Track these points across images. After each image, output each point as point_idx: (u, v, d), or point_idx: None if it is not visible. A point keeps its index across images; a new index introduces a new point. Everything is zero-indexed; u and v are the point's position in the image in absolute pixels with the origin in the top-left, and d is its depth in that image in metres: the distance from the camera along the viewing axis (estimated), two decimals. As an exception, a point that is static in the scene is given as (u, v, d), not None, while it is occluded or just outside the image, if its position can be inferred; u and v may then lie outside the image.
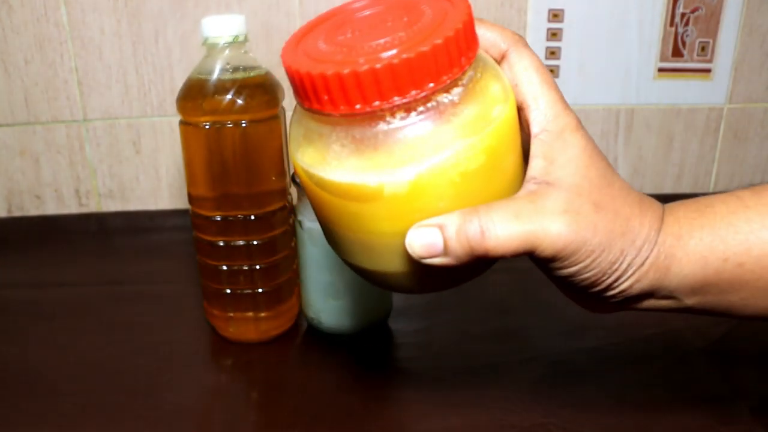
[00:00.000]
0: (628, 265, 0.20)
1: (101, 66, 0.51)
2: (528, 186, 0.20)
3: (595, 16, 0.52)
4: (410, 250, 0.19)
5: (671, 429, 0.30)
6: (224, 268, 0.36)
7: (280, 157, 0.36)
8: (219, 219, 0.35)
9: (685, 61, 0.54)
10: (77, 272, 0.47)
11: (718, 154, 0.57)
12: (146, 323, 0.40)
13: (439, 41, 0.17)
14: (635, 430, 0.30)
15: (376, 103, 0.17)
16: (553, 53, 0.53)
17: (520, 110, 0.21)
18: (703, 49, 0.54)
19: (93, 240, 0.53)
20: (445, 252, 0.19)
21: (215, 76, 0.33)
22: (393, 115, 0.18)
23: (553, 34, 0.53)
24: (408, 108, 0.18)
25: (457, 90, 0.18)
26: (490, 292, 0.43)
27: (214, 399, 0.33)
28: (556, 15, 0.52)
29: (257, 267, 0.36)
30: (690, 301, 0.22)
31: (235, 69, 0.33)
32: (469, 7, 0.18)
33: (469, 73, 0.19)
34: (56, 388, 0.34)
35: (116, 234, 0.54)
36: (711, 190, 0.58)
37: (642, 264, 0.21)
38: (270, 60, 0.51)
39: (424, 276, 0.21)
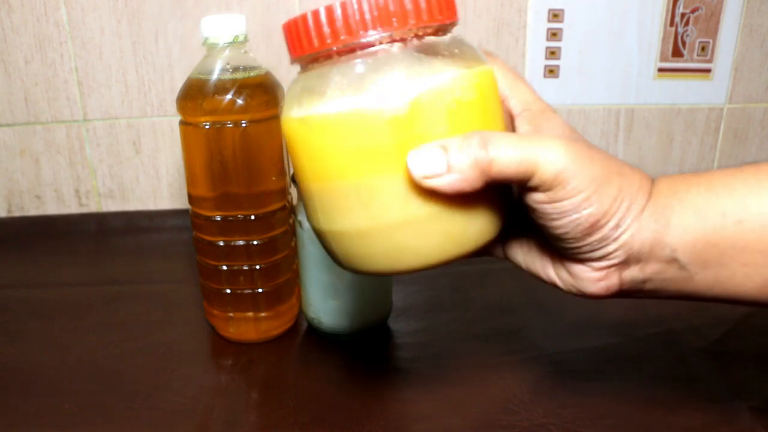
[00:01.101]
0: (627, 209, 0.20)
1: (101, 66, 0.51)
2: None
3: (595, 16, 0.52)
4: (411, 169, 0.19)
5: (671, 429, 0.30)
6: (224, 268, 0.36)
7: (280, 157, 0.36)
8: (219, 219, 0.35)
9: (685, 61, 0.54)
10: (77, 272, 0.47)
11: (718, 154, 0.57)
12: (146, 323, 0.40)
13: None
14: (635, 430, 0.30)
15: (376, 31, 0.19)
16: (553, 53, 0.53)
17: (501, 102, 0.22)
18: (703, 49, 0.54)
19: (93, 240, 0.53)
20: (449, 168, 0.19)
21: (215, 76, 0.33)
22: (392, 44, 0.19)
23: (553, 34, 0.53)
24: (404, 39, 0.19)
25: (446, 36, 0.20)
26: (490, 292, 0.43)
27: (214, 399, 0.33)
28: (556, 15, 0.52)
29: (257, 267, 0.36)
30: (693, 268, 0.21)
31: (235, 69, 0.33)
32: None
33: (456, 31, 0.21)
34: (56, 387, 0.34)
35: (116, 234, 0.54)
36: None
37: (641, 211, 0.20)
38: (270, 60, 0.51)
39: (426, 228, 0.20)
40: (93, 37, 0.50)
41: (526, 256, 0.24)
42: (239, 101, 0.33)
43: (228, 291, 0.37)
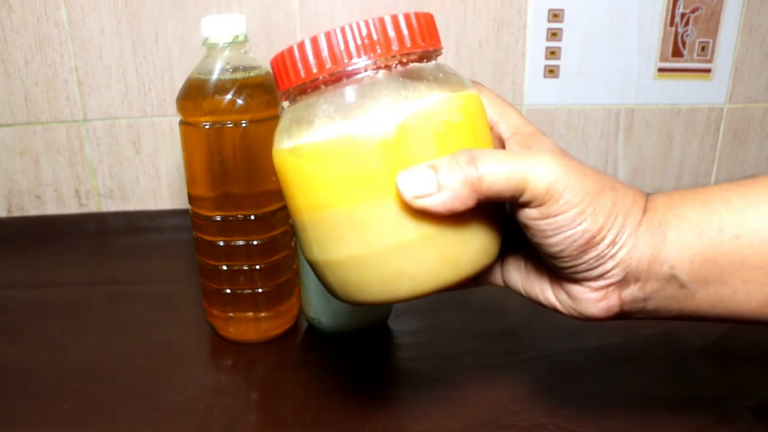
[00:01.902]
0: (622, 224, 0.20)
1: (101, 66, 0.51)
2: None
3: (595, 16, 0.52)
4: (402, 190, 0.19)
5: (671, 429, 0.30)
6: (224, 268, 0.36)
7: (280, 157, 0.36)
8: (219, 219, 0.35)
9: (685, 61, 0.54)
10: (77, 272, 0.47)
11: (718, 154, 0.58)
12: (146, 323, 0.40)
13: (412, 12, 0.20)
14: (635, 430, 0.30)
15: (360, 58, 0.19)
16: (553, 53, 0.53)
17: (490, 128, 0.22)
18: (703, 49, 0.54)
19: (93, 240, 0.53)
20: (439, 187, 0.19)
21: (215, 76, 0.33)
22: (376, 71, 0.20)
23: (553, 34, 0.53)
24: (389, 66, 0.20)
25: (431, 63, 0.21)
26: (490, 292, 0.43)
27: (214, 399, 0.33)
28: (556, 15, 0.52)
29: (257, 267, 0.36)
30: (693, 286, 0.20)
31: (235, 69, 0.33)
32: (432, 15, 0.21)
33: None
34: (56, 387, 0.34)
35: (116, 234, 0.54)
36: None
37: (637, 226, 0.20)
38: (270, 60, 0.51)
39: (420, 252, 0.19)
40: (93, 37, 0.50)
41: (524, 281, 0.24)
42: (239, 101, 0.33)
43: (228, 291, 0.37)
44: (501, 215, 0.22)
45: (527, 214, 0.20)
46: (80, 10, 0.49)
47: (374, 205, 0.19)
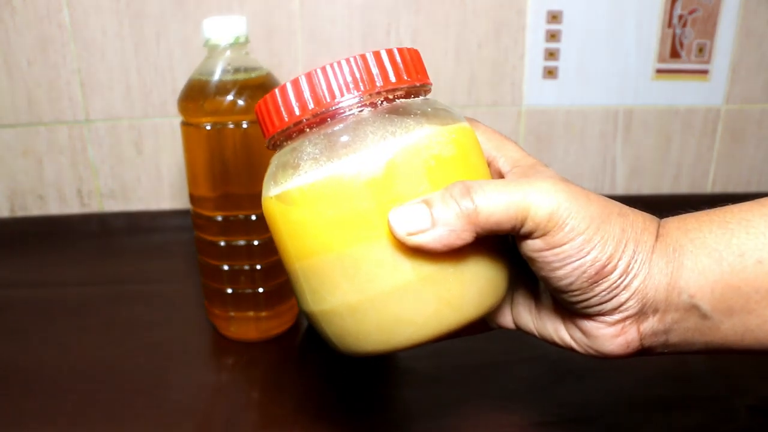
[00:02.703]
0: (634, 251, 0.18)
1: (103, 67, 0.51)
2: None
3: (593, 17, 0.53)
4: (394, 228, 0.17)
5: (671, 429, 0.30)
6: (225, 267, 0.36)
7: (280, 157, 0.36)
8: (220, 219, 0.35)
9: (683, 62, 0.54)
10: (79, 272, 0.48)
11: (715, 155, 0.58)
12: (147, 322, 0.40)
13: (395, 48, 0.19)
14: (635, 430, 0.30)
15: (344, 97, 0.18)
16: (551, 54, 0.54)
17: (489, 164, 0.21)
18: (700, 50, 0.54)
19: (95, 240, 0.53)
20: (433, 222, 0.17)
21: (216, 77, 0.33)
22: (361, 109, 0.19)
23: (552, 36, 0.53)
24: (374, 104, 0.19)
25: (418, 98, 0.20)
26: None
27: (214, 398, 0.33)
28: (554, 16, 0.53)
29: (258, 267, 0.36)
30: (717, 316, 0.18)
31: (236, 70, 0.34)
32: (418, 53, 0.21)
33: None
34: (57, 387, 0.34)
35: (118, 234, 0.54)
36: (708, 191, 0.58)
37: (650, 253, 0.18)
38: (271, 61, 0.52)
39: (419, 294, 0.18)
40: (95, 38, 0.50)
41: (536, 322, 0.22)
42: (240, 102, 0.33)
43: (229, 291, 0.37)
44: (505, 251, 0.20)
45: (531, 246, 0.18)
46: (82, 11, 0.50)
47: (367, 248, 0.18)
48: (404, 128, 0.18)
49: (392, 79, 0.19)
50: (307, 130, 0.19)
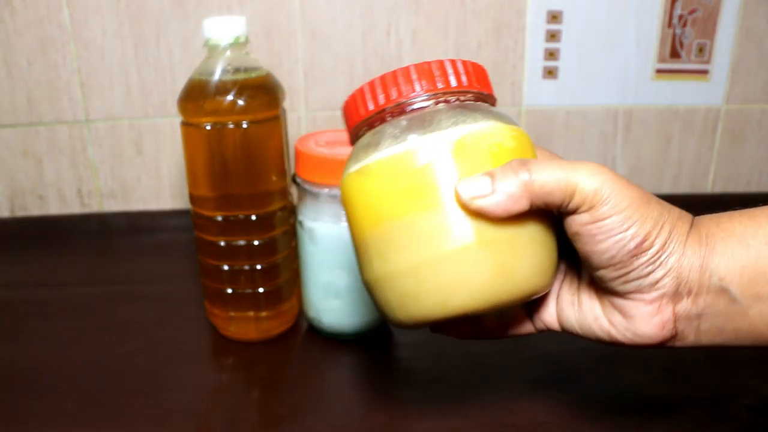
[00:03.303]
0: (670, 233, 0.20)
1: (103, 67, 0.51)
2: None
3: (593, 17, 0.53)
4: (460, 192, 0.20)
5: (670, 428, 0.30)
6: (225, 268, 0.36)
7: (280, 157, 0.36)
8: (220, 219, 0.35)
9: (683, 62, 0.54)
10: (79, 272, 0.48)
11: (715, 155, 0.58)
12: (147, 323, 0.40)
13: (467, 60, 0.23)
14: (635, 430, 0.30)
15: (422, 91, 0.22)
16: (551, 54, 0.54)
17: None
18: (700, 50, 0.54)
19: (95, 240, 0.53)
20: (493, 189, 0.20)
21: (216, 77, 0.33)
22: (437, 104, 0.22)
23: (552, 36, 0.53)
24: (448, 101, 0.22)
25: (485, 103, 0.23)
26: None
27: (214, 398, 0.33)
28: (554, 16, 0.53)
29: (258, 267, 0.36)
30: (745, 301, 0.20)
31: (236, 70, 0.34)
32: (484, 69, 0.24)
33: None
34: (57, 387, 0.34)
35: (118, 234, 0.54)
36: (709, 191, 0.58)
37: (685, 236, 0.21)
38: (271, 61, 0.52)
39: (476, 259, 0.20)
40: (95, 38, 0.50)
41: (578, 314, 0.24)
42: (240, 102, 0.33)
43: (229, 291, 0.37)
44: (555, 240, 0.22)
45: (578, 221, 0.20)
46: (82, 11, 0.50)
47: (433, 214, 0.20)
48: (473, 119, 0.21)
49: (464, 82, 0.22)
50: (389, 118, 0.22)
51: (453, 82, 0.22)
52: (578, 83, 0.54)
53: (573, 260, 0.24)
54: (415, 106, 0.22)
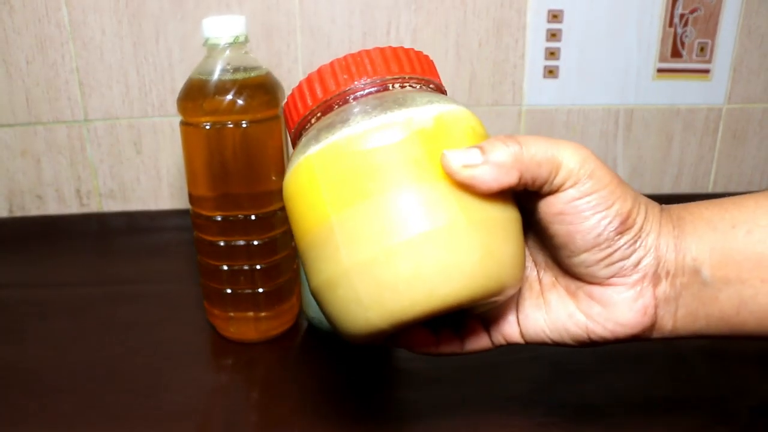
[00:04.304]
0: (646, 213, 0.21)
1: (102, 66, 0.51)
2: None
3: (594, 16, 0.52)
4: (449, 160, 0.19)
5: (671, 429, 0.30)
6: (225, 268, 0.36)
7: (280, 156, 0.36)
8: (219, 219, 0.35)
9: (684, 62, 0.54)
10: (78, 272, 0.47)
11: (716, 155, 0.58)
12: (146, 323, 0.40)
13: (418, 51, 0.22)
14: (635, 430, 0.30)
15: (393, 75, 0.21)
16: (552, 54, 0.54)
17: None
18: (702, 49, 0.54)
19: (94, 240, 0.53)
20: (485, 159, 0.19)
21: (216, 76, 0.33)
22: (404, 86, 0.21)
23: (553, 35, 0.53)
24: (413, 87, 0.21)
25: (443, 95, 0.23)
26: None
27: (214, 399, 0.33)
28: (555, 16, 0.52)
29: (258, 267, 0.36)
30: (715, 284, 0.20)
31: (236, 69, 0.33)
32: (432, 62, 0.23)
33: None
34: (56, 387, 0.34)
35: (117, 234, 0.54)
36: (710, 191, 0.58)
37: (659, 217, 0.21)
38: (270, 60, 0.51)
39: (459, 237, 0.18)
40: (94, 37, 0.50)
41: (547, 316, 0.23)
42: (240, 102, 0.33)
43: (228, 291, 0.37)
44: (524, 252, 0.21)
45: (564, 198, 0.20)
46: (81, 10, 0.49)
47: (414, 190, 0.19)
48: (445, 101, 0.21)
49: (419, 70, 0.22)
50: (351, 101, 0.21)
51: (419, 70, 0.22)
52: (579, 83, 0.54)
53: (530, 265, 0.24)
54: (379, 89, 0.21)
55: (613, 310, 0.21)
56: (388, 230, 0.18)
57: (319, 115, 0.21)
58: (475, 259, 0.19)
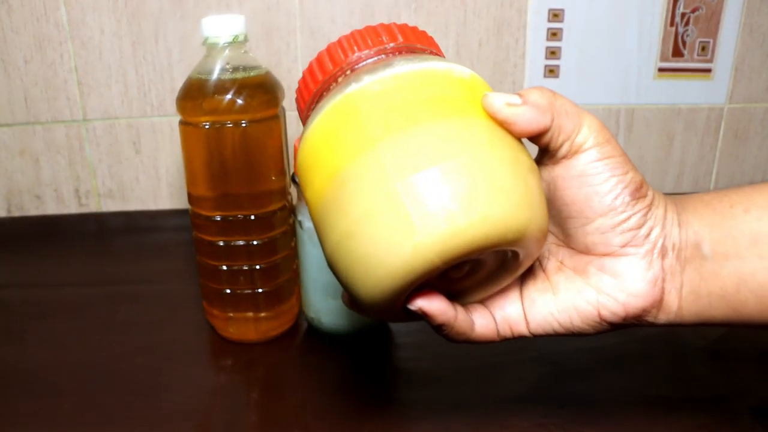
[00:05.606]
0: (653, 190, 0.22)
1: (101, 66, 0.51)
2: None
3: (595, 15, 0.52)
4: (491, 100, 0.20)
5: (671, 429, 0.30)
6: (224, 268, 0.36)
7: (280, 156, 0.36)
8: (219, 219, 0.35)
9: (686, 61, 0.54)
10: (77, 272, 0.47)
11: (718, 154, 0.58)
12: (146, 323, 0.40)
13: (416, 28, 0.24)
14: (635, 430, 0.30)
15: (396, 41, 0.23)
16: (553, 53, 0.53)
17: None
18: (703, 48, 0.54)
19: (93, 240, 0.53)
20: (524, 100, 0.21)
21: (215, 75, 0.33)
22: (408, 52, 0.23)
23: (554, 34, 0.53)
24: (414, 51, 0.23)
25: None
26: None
27: (214, 399, 0.33)
28: (556, 15, 0.52)
29: (257, 267, 0.36)
30: (716, 260, 0.21)
31: (235, 69, 0.33)
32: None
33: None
34: (56, 387, 0.34)
35: (116, 234, 0.54)
36: (711, 190, 0.58)
37: (663, 198, 0.22)
38: (270, 60, 0.51)
39: (500, 170, 0.19)
40: (93, 36, 0.50)
41: (556, 297, 0.23)
42: (239, 101, 0.33)
43: (228, 291, 0.37)
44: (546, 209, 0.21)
45: (585, 159, 0.21)
46: (80, 9, 0.49)
47: (463, 120, 0.20)
48: (452, 63, 0.22)
49: (422, 41, 0.24)
50: (387, 55, 0.22)
51: (435, 50, 0.24)
52: (580, 82, 0.54)
53: None
54: (410, 51, 0.22)
55: (624, 280, 0.21)
56: (443, 151, 0.18)
57: (348, 72, 0.22)
58: (521, 191, 0.19)
